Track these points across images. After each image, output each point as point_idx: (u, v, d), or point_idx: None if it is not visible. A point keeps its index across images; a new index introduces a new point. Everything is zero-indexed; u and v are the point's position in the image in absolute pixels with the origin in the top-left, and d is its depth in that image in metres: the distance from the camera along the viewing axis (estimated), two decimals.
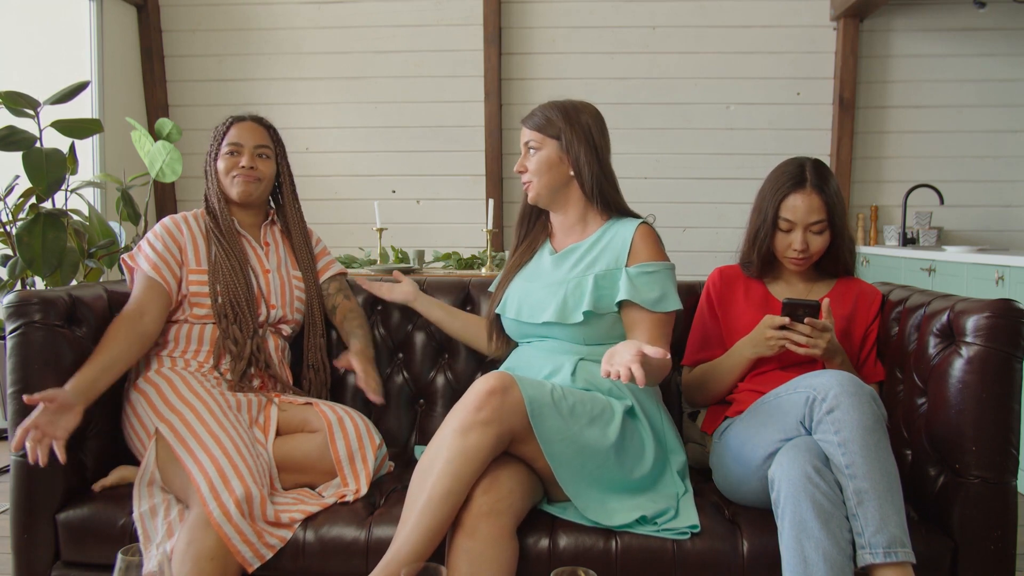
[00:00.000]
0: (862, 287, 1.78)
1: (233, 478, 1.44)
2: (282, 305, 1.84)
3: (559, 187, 1.71)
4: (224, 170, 1.84)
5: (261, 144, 1.86)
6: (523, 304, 1.71)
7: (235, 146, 1.84)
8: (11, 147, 2.62)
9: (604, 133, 1.72)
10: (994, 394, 1.42)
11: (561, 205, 1.74)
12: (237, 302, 1.74)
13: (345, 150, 4.50)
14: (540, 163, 1.69)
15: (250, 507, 1.43)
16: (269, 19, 4.51)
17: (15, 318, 1.56)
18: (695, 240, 4.41)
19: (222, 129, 1.88)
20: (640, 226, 1.68)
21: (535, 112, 1.72)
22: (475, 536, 1.35)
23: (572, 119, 1.68)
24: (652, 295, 1.62)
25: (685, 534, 1.45)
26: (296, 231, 1.93)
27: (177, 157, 3.23)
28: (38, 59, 3.96)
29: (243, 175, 1.82)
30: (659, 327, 1.62)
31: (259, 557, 1.44)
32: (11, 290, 2.63)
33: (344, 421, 1.65)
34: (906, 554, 1.27)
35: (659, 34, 4.37)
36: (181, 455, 1.50)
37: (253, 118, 1.90)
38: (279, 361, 1.81)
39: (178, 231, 1.80)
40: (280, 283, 1.85)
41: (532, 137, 1.70)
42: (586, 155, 1.67)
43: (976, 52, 4.21)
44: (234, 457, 1.48)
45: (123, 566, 0.96)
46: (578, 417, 1.47)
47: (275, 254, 1.89)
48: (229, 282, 1.75)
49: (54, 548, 1.56)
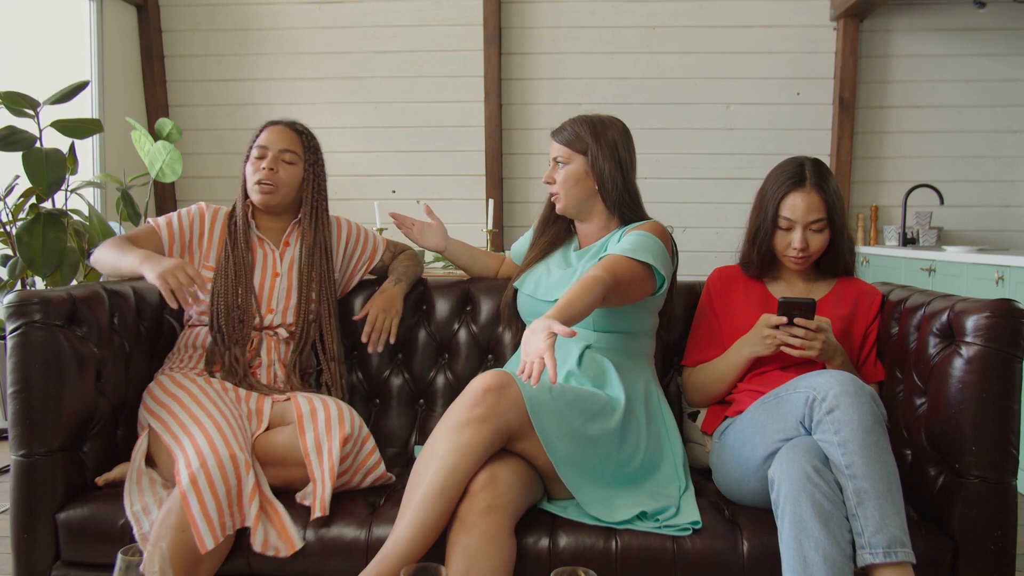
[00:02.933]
0: (862, 287, 1.78)
1: (220, 444, 1.46)
2: (282, 311, 1.83)
3: (584, 200, 1.77)
4: (250, 173, 1.86)
5: (287, 148, 1.85)
6: (540, 283, 1.78)
7: (262, 149, 1.85)
8: (11, 147, 2.62)
9: (630, 148, 1.77)
10: (994, 394, 1.42)
11: (586, 215, 1.80)
12: (227, 315, 1.77)
13: (345, 150, 4.50)
14: (567, 177, 1.74)
15: (235, 467, 1.44)
16: (269, 19, 4.51)
17: (15, 318, 1.56)
18: (695, 240, 4.41)
19: (256, 132, 1.89)
20: (652, 221, 1.74)
21: (565, 126, 1.77)
22: (472, 532, 1.35)
23: (600, 135, 1.73)
24: (626, 245, 1.62)
25: (687, 530, 1.45)
26: (318, 241, 1.88)
27: (177, 157, 3.23)
28: (38, 59, 3.96)
29: (261, 185, 1.83)
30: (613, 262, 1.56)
31: (214, 537, 1.40)
32: (11, 290, 2.63)
33: (317, 412, 1.59)
34: (906, 554, 1.27)
35: (659, 34, 4.37)
36: (168, 441, 1.54)
37: (287, 122, 1.90)
38: (269, 364, 1.79)
39: (200, 220, 1.87)
40: (286, 288, 1.84)
41: (560, 152, 1.76)
42: (611, 171, 1.72)
43: (976, 52, 4.21)
44: (222, 426, 1.51)
45: (123, 566, 0.96)
46: (577, 413, 1.48)
47: (291, 257, 1.87)
48: (226, 292, 1.78)
49: (54, 548, 1.55)
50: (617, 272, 1.54)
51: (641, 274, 1.60)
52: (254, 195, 1.84)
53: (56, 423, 1.56)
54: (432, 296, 2.04)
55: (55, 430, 1.56)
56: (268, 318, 1.81)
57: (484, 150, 4.46)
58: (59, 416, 1.56)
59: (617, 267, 1.56)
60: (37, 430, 1.55)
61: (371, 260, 2.01)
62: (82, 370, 1.60)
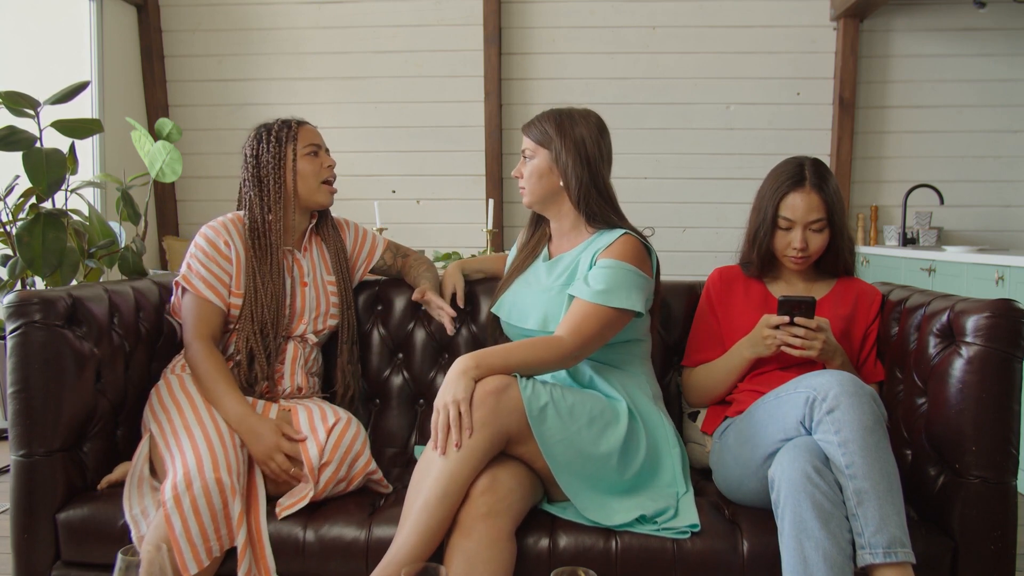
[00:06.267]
0: (862, 287, 1.78)
1: (208, 466, 1.44)
2: (312, 320, 1.81)
3: (550, 196, 1.71)
4: (312, 172, 1.78)
5: (328, 148, 1.86)
6: (513, 308, 1.73)
7: (315, 147, 1.80)
8: (11, 147, 2.62)
9: (600, 144, 1.68)
10: (994, 394, 1.42)
11: (554, 212, 1.75)
12: (262, 336, 1.72)
13: (345, 150, 4.49)
14: (531, 171, 1.70)
15: (221, 491, 1.42)
16: (269, 19, 4.51)
17: (15, 318, 1.56)
18: (695, 240, 4.40)
19: (288, 131, 1.79)
20: (622, 236, 1.64)
21: (533, 120, 1.73)
22: (472, 536, 1.35)
23: (565, 130, 1.67)
24: (596, 287, 1.55)
25: (685, 533, 1.45)
26: (334, 236, 1.90)
27: (177, 157, 3.23)
28: (38, 59, 3.96)
29: (328, 185, 1.80)
30: (583, 317, 1.52)
31: (197, 562, 1.39)
32: (11, 290, 2.62)
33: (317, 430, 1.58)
34: (906, 554, 1.27)
35: (659, 34, 4.37)
36: (163, 452, 1.54)
37: (308, 122, 1.86)
38: (292, 373, 1.78)
39: (227, 247, 1.73)
40: (315, 295, 1.83)
41: (527, 145, 1.72)
42: (574, 167, 1.65)
43: (976, 52, 4.21)
44: (214, 445, 1.49)
45: (123, 566, 0.96)
46: (577, 417, 1.47)
47: (311, 259, 1.85)
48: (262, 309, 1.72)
49: (54, 548, 1.55)
50: (584, 330, 1.51)
51: (614, 317, 1.54)
52: (322, 196, 1.79)
53: (56, 423, 1.56)
54: None
55: (55, 430, 1.56)
56: (300, 327, 1.79)
57: (484, 150, 4.46)
58: (59, 416, 1.56)
59: (584, 324, 1.51)
60: (37, 430, 1.55)
61: (370, 258, 2.00)
62: (82, 370, 1.60)
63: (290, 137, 1.78)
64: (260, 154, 1.78)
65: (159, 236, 4.62)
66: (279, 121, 1.81)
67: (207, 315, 1.69)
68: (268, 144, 1.77)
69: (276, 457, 1.53)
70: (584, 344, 1.52)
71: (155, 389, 1.70)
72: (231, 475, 1.46)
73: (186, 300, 1.72)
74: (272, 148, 1.77)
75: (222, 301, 1.71)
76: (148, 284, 1.91)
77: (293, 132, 1.79)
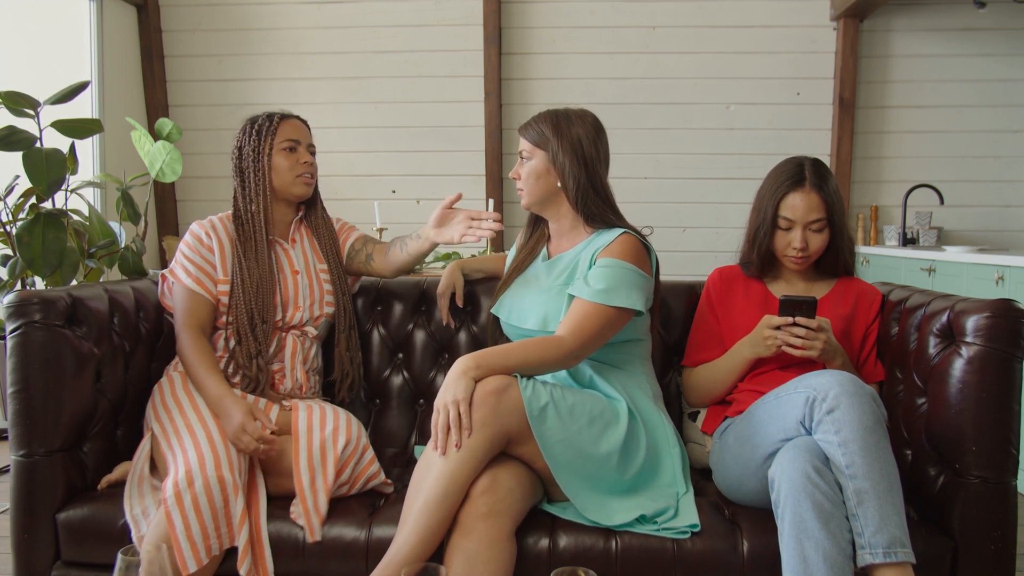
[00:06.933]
0: (862, 287, 1.78)
1: (210, 464, 1.45)
2: (308, 307, 1.82)
3: (548, 196, 1.71)
4: (287, 167, 1.81)
5: (311, 143, 1.87)
6: (513, 308, 1.73)
7: (293, 142, 1.82)
8: (11, 147, 2.62)
9: (598, 144, 1.68)
10: (994, 394, 1.42)
11: (553, 213, 1.75)
12: (250, 324, 1.73)
13: (345, 150, 4.50)
14: (529, 173, 1.70)
15: (223, 489, 1.43)
16: (269, 19, 4.51)
17: (15, 318, 1.56)
18: (695, 240, 4.40)
19: (268, 126, 1.82)
20: (621, 235, 1.64)
21: (530, 121, 1.73)
22: (472, 537, 1.35)
23: (562, 130, 1.66)
24: (596, 286, 1.55)
25: (685, 533, 1.45)
26: (323, 226, 1.93)
27: (177, 157, 3.23)
28: (38, 59, 3.96)
29: (304, 177, 1.82)
30: (583, 316, 1.53)
31: (197, 560, 1.40)
32: (11, 290, 2.63)
33: (313, 430, 1.59)
34: (906, 554, 1.27)
35: (659, 34, 4.37)
36: (164, 451, 1.54)
37: (298, 117, 1.88)
38: (291, 369, 1.78)
39: (208, 238, 1.78)
40: (308, 283, 1.84)
41: (524, 147, 1.72)
42: (572, 167, 1.65)
43: (976, 52, 4.21)
44: (216, 443, 1.50)
45: (123, 566, 0.96)
46: (577, 417, 1.47)
47: (301, 249, 1.87)
48: (246, 302, 1.74)
49: (54, 548, 1.55)
50: (584, 329, 1.51)
51: (614, 316, 1.55)
52: (297, 187, 1.82)
53: (56, 423, 1.56)
54: (432, 296, 2.03)
55: (55, 430, 1.56)
56: (296, 316, 1.80)
57: (484, 150, 4.46)
58: (59, 416, 1.56)
59: (585, 323, 1.52)
60: (37, 430, 1.55)
61: (344, 244, 1.98)
62: (82, 370, 1.60)
63: (269, 131, 1.82)
64: (243, 146, 1.82)
65: (159, 236, 4.62)
66: (265, 115, 1.85)
67: (193, 306, 1.73)
68: (249, 137, 1.82)
69: (243, 438, 1.53)
70: (585, 344, 1.52)
71: (157, 386, 1.70)
72: (233, 473, 1.46)
73: (175, 292, 1.76)
74: (252, 141, 1.81)
75: (206, 291, 1.74)
76: (148, 284, 1.92)
77: (273, 127, 1.82)
